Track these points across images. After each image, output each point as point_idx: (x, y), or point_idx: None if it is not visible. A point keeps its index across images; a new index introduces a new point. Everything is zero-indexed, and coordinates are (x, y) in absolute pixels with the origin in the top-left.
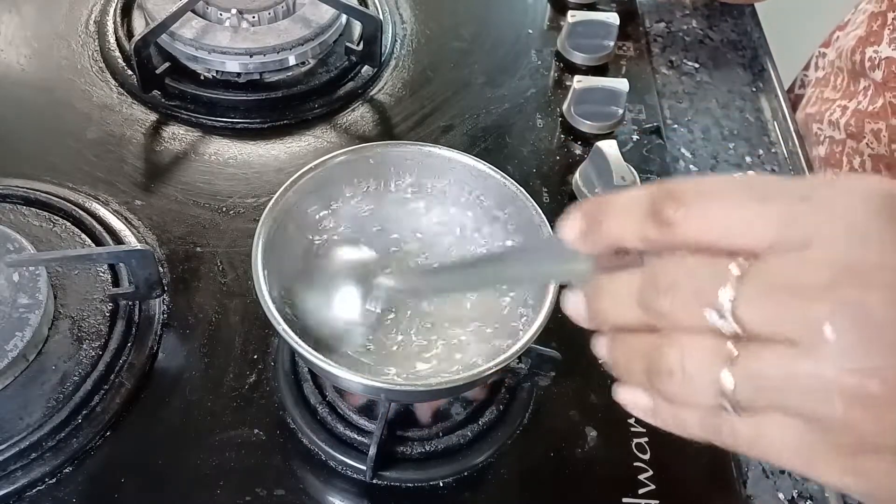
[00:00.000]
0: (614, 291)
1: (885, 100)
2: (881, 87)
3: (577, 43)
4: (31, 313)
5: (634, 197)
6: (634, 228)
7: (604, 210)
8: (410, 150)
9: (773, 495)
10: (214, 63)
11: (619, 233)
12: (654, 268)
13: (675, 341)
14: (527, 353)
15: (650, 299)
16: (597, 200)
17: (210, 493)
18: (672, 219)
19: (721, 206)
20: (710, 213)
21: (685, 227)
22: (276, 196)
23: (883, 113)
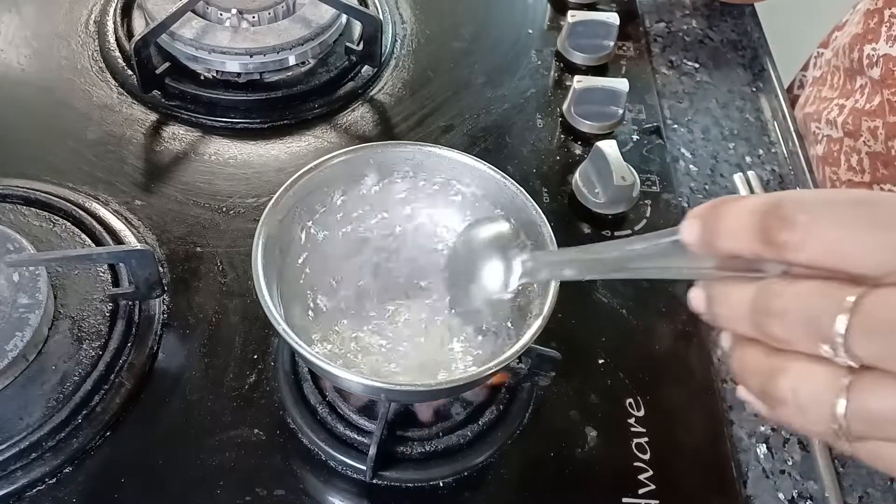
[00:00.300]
0: (730, 302)
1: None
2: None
3: (577, 43)
4: (31, 313)
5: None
6: (748, 245)
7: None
8: (410, 150)
9: (773, 495)
10: (214, 63)
11: (732, 246)
12: (767, 289)
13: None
14: (527, 353)
15: (762, 322)
16: (713, 207)
17: (210, 493)
18: (785, 242)
19: (837, 231)
20: (826, 237)
21: (798, 252)
22: (276, 196)
23: (880, 110)
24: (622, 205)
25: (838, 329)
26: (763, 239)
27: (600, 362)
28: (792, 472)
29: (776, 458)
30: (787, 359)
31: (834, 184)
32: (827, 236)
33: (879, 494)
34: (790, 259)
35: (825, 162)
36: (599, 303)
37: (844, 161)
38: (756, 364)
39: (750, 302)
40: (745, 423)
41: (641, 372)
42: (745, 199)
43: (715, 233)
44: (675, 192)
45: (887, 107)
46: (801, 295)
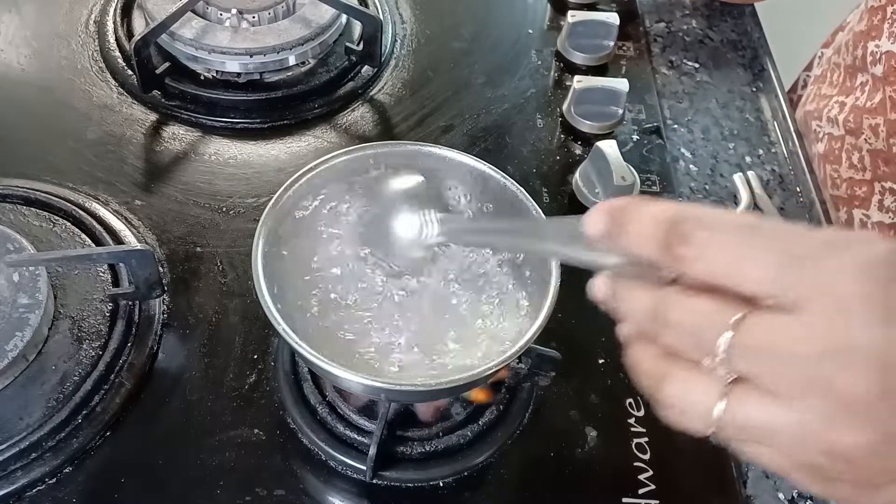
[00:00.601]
0: (632, 304)
1: (883, 94)
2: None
3: (577, 43)
4: (31, 313)
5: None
6: (650, 251)
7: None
8: (410, 150)
9: (773, 495)
10: (214, 63)
11: (636, 249)
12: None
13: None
14: (527, 353)
15: (658, 330)
16: (621, 207)
17: (210, 493)
18: (682, 256)
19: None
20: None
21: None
22: (276, 196)
23: (881, 108)
24: None
25: (720, 346)
26: (663, 248)
27: (600, 362)
28: None
29: None
30: (674, 365)
31: (835, 181)
32: (718, 256)
33: None
34: (684, 270)
35: (826, 160)
36: None
37: (846, 159)
38: (647, 367)
39: (650, 308)
40: None
41: None
42: (652, 206)
43: (620, 233)
44: (675, 192)
45: (889, 104)
46: (693, 311)
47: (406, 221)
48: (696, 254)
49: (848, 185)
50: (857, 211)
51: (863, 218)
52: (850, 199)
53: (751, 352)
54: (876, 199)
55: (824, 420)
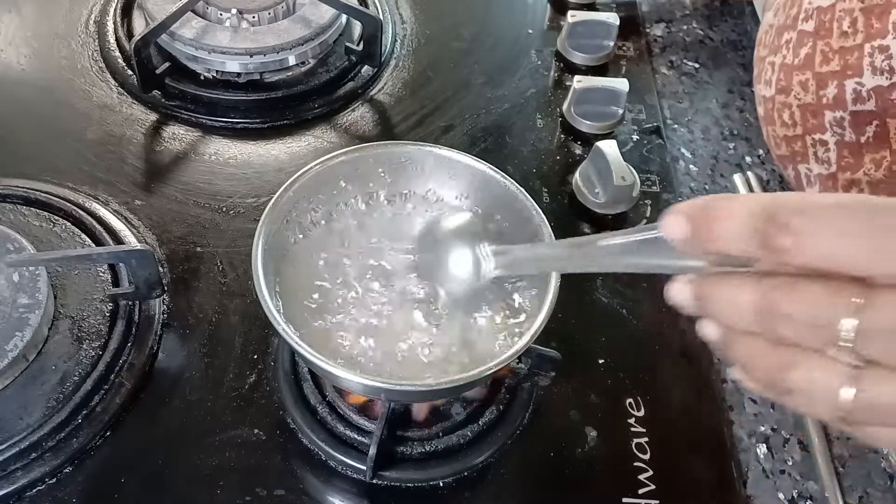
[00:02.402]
0: (729, 300)
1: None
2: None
3: (577, 43)
4: (31, 313)
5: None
6: (743, 247)
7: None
8: (410, 150)
9: (773, 495)
10: (214, 63)
11: (726, 248)
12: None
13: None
14: (527, 353)
15: (769, 322)
16: (702, 206)
17: (210, 493)
18: (783, 248)
19: (835, 238)
20: (823, 242)
21: (797, 255)
22: (276, 196)
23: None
24: (622, 205)
25: (845, 333)
26: (761, 244)
27: (600, 362)
28: (792, 472)
29: (776, 458)
30: (795, 353)
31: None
32: (825, 242)
33: (879, 494)
34: (788, 262)
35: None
36: (599, 303)
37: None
38: (763, 358)
39: (753, 303)
40: (745, 423)
41: (641, 372)
42: (738, 201)
43: (708, 234)
44: (675, 192)
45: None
46: (807, 298)
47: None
48: (800, 242)
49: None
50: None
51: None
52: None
53: (880, 335)
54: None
55: None
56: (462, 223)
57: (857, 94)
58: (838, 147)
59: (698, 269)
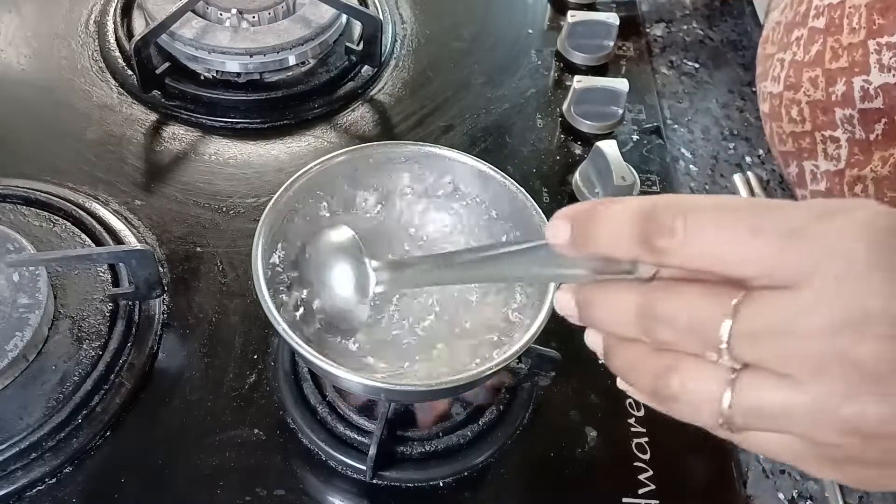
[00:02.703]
0: (610, 306)
1: (822, 46)
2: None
3: (577, 43)
4: (31, 313)
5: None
6: (624, 248)
7: (592, 221)
8: (410, 150)
9: (773, 495)
10: (214, 63)
11: (607, 249)
12: (650, 295)
13: (678, 368)
14: (527, 353)
15: (649, 326)
16: (584, 209)
17: (210, 493)
18: (663, 248)
19: (712, 237)
20: (701, 242)
21: (675, 256)
22: (276, 196)
23: (818, 59)
24: None
25: (722, 335)
26: (641, 244)
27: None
28: (792, 472)
29: None
30: (675, 359)
31: (781, 137)
32: (702, 241)
33: (879, 494)
34: (667, 263)
35: (771, 118)
36: None
37: (785, 114)
38: (644, 364)
39: (634, 308)
40: None
41: None
42: (619, 203)
43: (591, 236)
44: (675, 192)
45: (829, 54)
46: (684, 300)
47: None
48: (679, 242)
49: (793, 139)
50: (806, 163)
51: (812, 169)
52: (799, 153)
53: (755, 336)
54: (820, 148)
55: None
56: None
57: (865, 91)
58: (849, 144)
59: (583, 278)
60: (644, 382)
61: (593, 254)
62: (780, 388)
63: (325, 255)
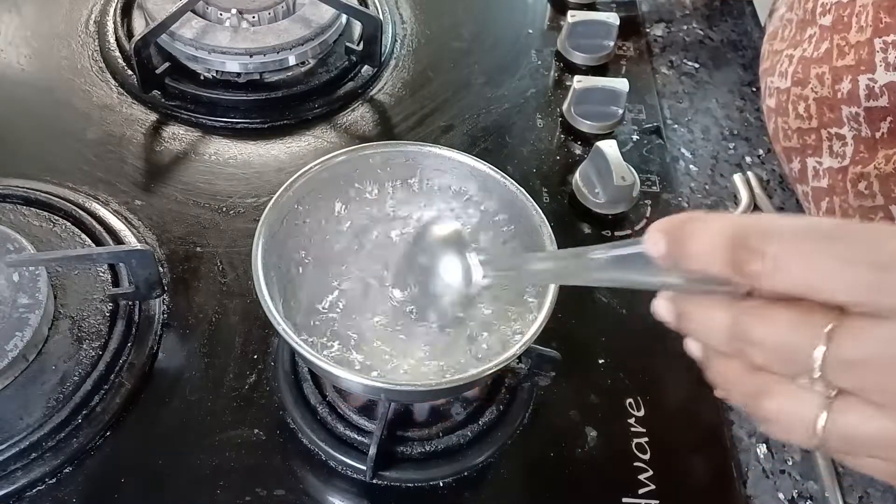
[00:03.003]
0: (705, 323)
1: (830, 44)
2: (828, 31)
3: (577, 43)
4: (31, 313)
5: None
6: (717, 269)
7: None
8: (410, 150)
9: (773, 495)
10: (214, 63)
11: (702, 267)
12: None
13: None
14: (527, 353)
15: (741, 347)
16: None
17: (210, 493)
18: (755, 273)
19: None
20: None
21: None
22: (276, 196)
23: (827, 56)
24: (622, 205)
25: (815, 362)
26: (733, 267)
27: (600, 362)
28: (792, 472)
29: (776, 458)
30: (768, 382)
31: (786, 133)
32: (797, 269)
33: (879, 494)
34: (760, 286)
35: (777, 113)
36: (599, 303)
37: (792, 109)
38: (738, 382)
39: (727, 327)
40: (745, 423)
41: (641, 372)
42: (713, 222)
43: (684, 253)
44: (675, 192)
45: (836, 52)
46: (777, 326)
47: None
48: (771, 269)
49: (798, 135)
50: (810, 159)
51: (815, 165)
52: (803, 149)
53: (849, 364)
54: (826, 145)
55: None
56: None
57: (870, 90)
58: (855, 142)
59: (678, 287)
60: (738, 399)
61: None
62: (874, 417)
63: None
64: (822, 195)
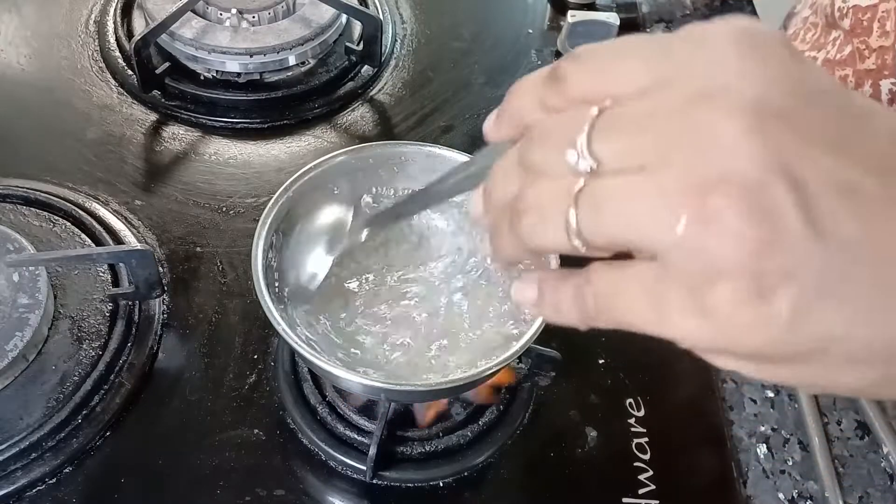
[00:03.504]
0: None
1: (853, 47)
2: (850, 35)
3: (577, 43)
4: (31, 313)
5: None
6: (535, 95)
7: (512, 91)
8: (410, 150)
9: (773, 495)
10: (214, 63)
11: (521, 104)
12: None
13: (535, 184)
14: (527, 353)
15: (526, 154)
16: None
17: (210, 493)
18: (564, 74)
19: (605, 60)
20: (596, 66)
21: (575, 83)
22: (276, 196)
23: (850, 59)
24: None
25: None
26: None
27: (600, 362)
28: (792, 472)
29: (776, 458)
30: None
31: None
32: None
33: (879, 494)
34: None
35: None
36: None
37: None
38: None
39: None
40: (745, 423)
41: (641, 372)
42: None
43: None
44: None
45: (857, 55)
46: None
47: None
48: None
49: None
50: None
51: None
52: None
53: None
54: None
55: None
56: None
57: (893, 94)
58: None
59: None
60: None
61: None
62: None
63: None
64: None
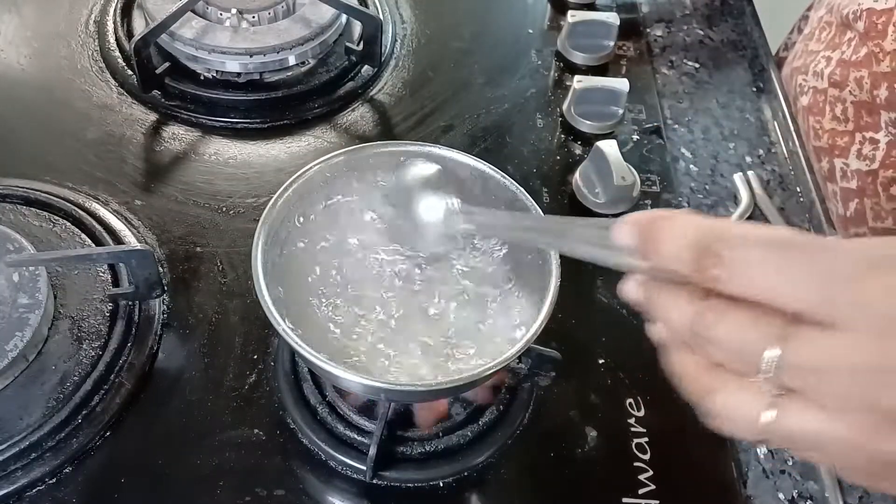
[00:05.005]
0: (668, 313)
1: (868, 49)
2: (864, 38)
3: (577, 43)
4: (31, 313)
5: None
6: (683, 268)
7: (655, 237)
8: (410, 150)
9: (773, 495)
10: (214, 63)
11: (667, 265)
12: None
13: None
14: (527, 353)
15: (700, 344)
16: (649, 221)
17: (210, 493)
18: (715, 277)
19: (762, 272)
20: (751, 277)
21: (727, 286)
22: (276, 196)
23: (867, 61)
24: (622, 205)
25: (768, 364)
26: (696, 269)
27: (600, 362)
28: (792, 472)
29: (776, 458)
30: (721, 377)
31: (817, 133)
32: (755, 277)
33: (879, 494)
34: (719, 290)
35: (810, 112)
36: (599, 303)
37: (829, 111)
38: (693, 377)
39: (689, 320)
40: None
41: (641, 372)
42: (680, 222)
43: (649, 250)
44: (676, 191)
45: (873, 57)
46: (736, 327)
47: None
48: (730, 275)
49: (829, 136)
50: (837, 160)
51: (843, 167)
52: (831, 149)
53: (799, 369)
54: (855, 148)
55: (869, 432)
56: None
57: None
58: (888, 147)
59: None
60: (691, 391)
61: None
62: (816, 417)
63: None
64: (851, 196)
